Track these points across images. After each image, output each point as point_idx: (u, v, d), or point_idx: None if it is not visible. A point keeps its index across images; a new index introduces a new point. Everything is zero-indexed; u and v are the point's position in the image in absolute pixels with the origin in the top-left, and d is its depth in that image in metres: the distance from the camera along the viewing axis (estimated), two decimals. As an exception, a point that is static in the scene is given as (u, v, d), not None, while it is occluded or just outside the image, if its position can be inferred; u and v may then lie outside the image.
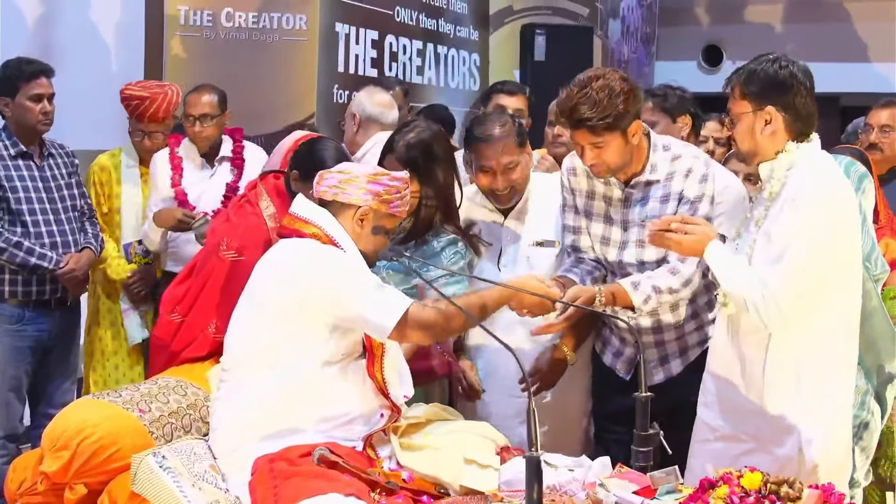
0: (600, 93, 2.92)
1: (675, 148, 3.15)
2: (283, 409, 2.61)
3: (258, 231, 3.31)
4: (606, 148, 2.99)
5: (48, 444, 2.68)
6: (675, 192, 3.09)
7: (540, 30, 7.27)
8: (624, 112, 2.94)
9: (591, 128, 2.95)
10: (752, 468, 2.36)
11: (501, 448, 2.78)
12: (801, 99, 2.76)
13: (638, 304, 3.04)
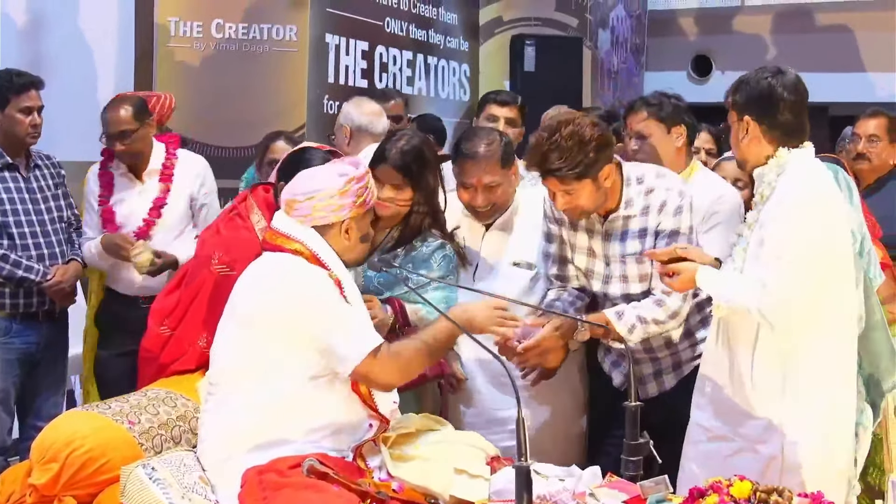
0: (569, 141, 2.89)
1: (647, 180, 3.12)
2: (271, 420, 2.60)
3: (250, 245, 3.26)
4: (578, 194, 2.97)
5: (37, 456, 2.67)
6: (651, 226, 3.08)
7: (530, 41, 7.28)
8: (594, 160, 2.92)
9: (560, 177, 2.94)
10: (742, 476, 2.37)
11: (492, 458, 2.78)
12: (781, 112, 2.82)
13: (624, 334, 3.04)
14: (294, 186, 2.72)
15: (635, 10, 9.29)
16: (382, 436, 2.71)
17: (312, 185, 2.70)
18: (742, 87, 2.88)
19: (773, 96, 2.83)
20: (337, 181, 2.68)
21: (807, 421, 2.80)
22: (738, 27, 9.39)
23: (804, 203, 2.77)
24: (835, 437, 2.86)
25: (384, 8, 6.31)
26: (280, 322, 2.59)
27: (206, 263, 3.32)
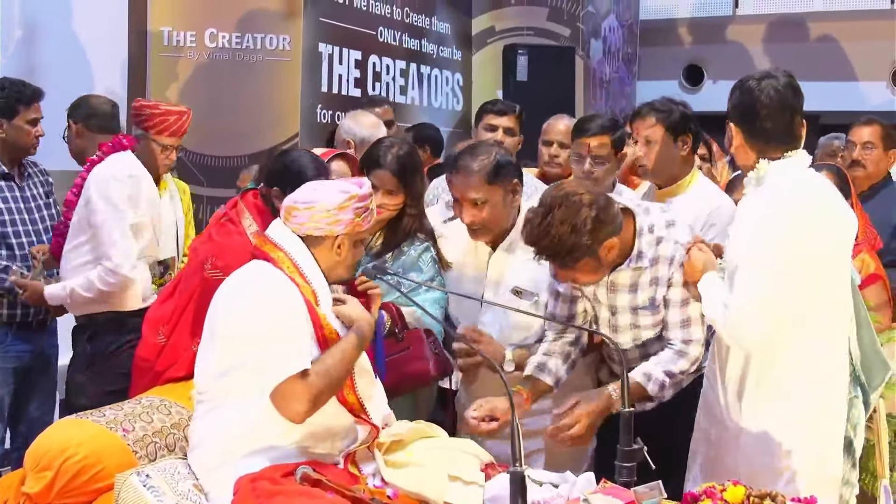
0: (562, 225, 2.76)
1: (657, 230, 3.03)
2: (258, 427, 2.59)
3: (243, 250, 3.24)
4: (578, 271, 2.90)
5: (31, 464, 2.66)
6: (662, 277, 3.02)
7: (522, 50, 7.30)
8: (590, 243, 2.80)
9: (554, 260, 2.87)
10: (736, 482, 2.37)
11: (486, 464, 2.78)
12: (762, 119, 2.83)
13: (655, 394, 3.01)
14: (296, 195, 2.73)
15: (627, 19, 9.33)
16: (377, 442, 2.71)
17: (314, 195, 2.70)
18: (732, 92, 2.91)
19: (753, 102, 2.84)
20: (337, 196, 2.68)
21: (798, 426, 2.82)
22: (730, 36, 9.43)
23: (764, 219, 2.76)
24: (826, 442, 2.87)
25: (377, 17, 6.33)
26: (248, 330, 2.59)
27: (199, 270, 3.32)
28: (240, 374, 2.58)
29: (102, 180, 3.70)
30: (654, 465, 2.63)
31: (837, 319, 2.89)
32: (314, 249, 2.69)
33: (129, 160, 3.78)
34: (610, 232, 2.85)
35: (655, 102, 3.85)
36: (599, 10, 8.65)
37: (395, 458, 2.69)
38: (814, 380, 2.83)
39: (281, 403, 2.54)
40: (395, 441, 2.74)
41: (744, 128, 2.87)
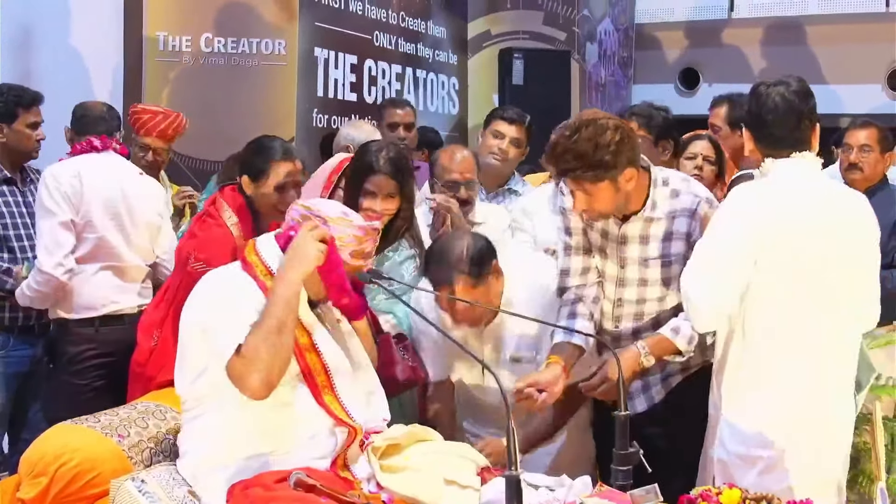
0: (587, 143, 2.83)
1: (672, 182, 3.07)
2: (240, 432, 2.59)
3: (225, 240, 3.34)
4: (596, 196, 2.92)
5: (25, 469, 2.66)
6: (680, 231, 3.03)
7: (518, 54, 7.30)
8: (612, 163, 2.85)
9: (575, 178, 2.90)
10: (731, 484, 2.37)
11: (482, 468, 2.77)
12: (768, 125, 2.88)
13: (684, 349, 3.02)
14: (309, 199, 2.80)
15: (623, 23, 9.34)
16: (372, 446, 2.70)
17: (320, 206, 2.72)
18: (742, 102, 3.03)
19: (760, 108, 2.89)
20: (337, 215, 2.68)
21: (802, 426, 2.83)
22: (726, 40, 9.43)
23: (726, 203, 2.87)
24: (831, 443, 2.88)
25: (373, 22, 6.33)
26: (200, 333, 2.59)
27: (183, 267, 3.36)
28: (205, 379, 2.58)
29: (42, 179, 3.78)
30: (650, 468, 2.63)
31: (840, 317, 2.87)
32: None
33: (85, 162, 3.78)
34: (631, 159, 2.91)
35: (636, 107, 3.89)
36: (595, 14, 8.66)
37: (390, 463, 2.68)
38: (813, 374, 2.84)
39: (239, 386, 2.48)
40: (390, 445, 2.73)
41: (753, 133, 2.93)
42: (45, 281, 3.68)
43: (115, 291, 3.81)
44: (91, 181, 3.76)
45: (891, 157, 4.67)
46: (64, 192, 3.70)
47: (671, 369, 3.21)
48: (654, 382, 3.23)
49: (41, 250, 3.69)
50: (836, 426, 2.89)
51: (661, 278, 3.07)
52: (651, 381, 3.23)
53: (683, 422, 3.15)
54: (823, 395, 2.86)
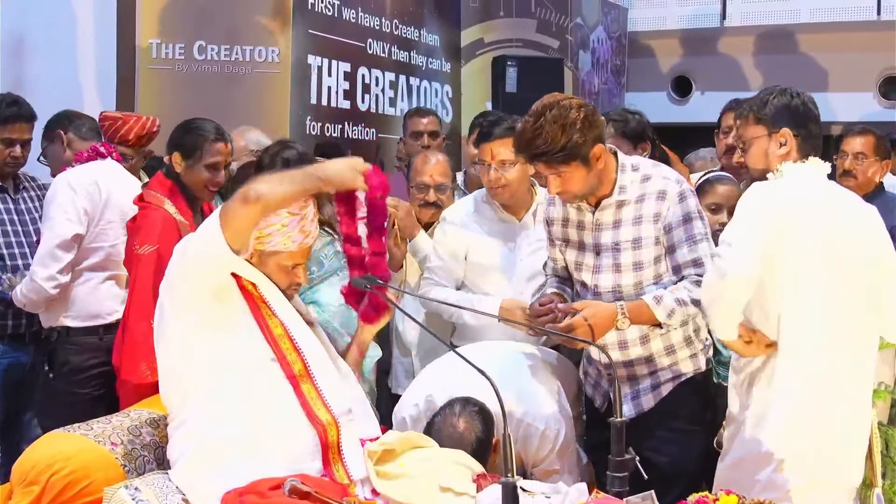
0: (553, 125, 2.88)
1: (643, 168, 3.13)
2: (228, 428, 2.59)
3: (166, 222, 3.47)
4: (570, 177, 2.97)
5: (17, 478, 2.63)
6: (648, 214, 3.07)
7: (511, 61, 7.32)
8: (580, 142, 2.90)
9: (546, 162, 2.94)
10: (728, 490, 2.36)
11: (478, 475, 2.76)
12: (814, 124, 2.92)
13: (662, 319, 3.02)
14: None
15: (615, 31, 9.37)
16: (368, 451, 2.69)
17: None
18: (769, 104, 2.93)
19: (806, 110, 2.93)
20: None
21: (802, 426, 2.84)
22: (719, 48, 9.47)
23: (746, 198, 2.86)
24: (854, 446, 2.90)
25: (366, 29, 6.33)
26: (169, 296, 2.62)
27: (131, 255, 3.48)
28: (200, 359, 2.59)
29: (56, 187, 3.74)
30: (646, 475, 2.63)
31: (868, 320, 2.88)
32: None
33: (99, 170, 3.78)
34: (598, 136, 2.96)
35: (611, 113, 3.92)
36: (588, 21, 8.69)
37: (386, 469, 2.68)
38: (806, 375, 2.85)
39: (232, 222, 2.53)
40: (386, 451, 2.72)
41: (799, 132, 2.91)
42: (35, 290, 3.67)
43: (120, 300, 3.80)
44: (108, 190, 3.77)
45: (887, 165, 4.68)
46: (81, 205, 3.70)
47: (662, 377, 3.20)
48: (644, 391, 3.21)
49: (37, 260, 3.68)
50: (859, 429, 2.90)
51: (632, 262, 3.09)
52: (641, 390, 3.21)
53: (674, 431, 3.14)
54: (850, 397, 2.87)
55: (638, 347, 3.15)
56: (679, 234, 3.05)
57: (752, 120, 2.96)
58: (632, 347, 3.15)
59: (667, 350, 3.17)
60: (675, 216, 3.05)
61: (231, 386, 2.61)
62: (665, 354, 3.17)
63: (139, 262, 3.42)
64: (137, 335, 3.35)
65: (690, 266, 3.04)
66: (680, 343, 3.18)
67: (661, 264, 3.09)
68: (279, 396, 2.65)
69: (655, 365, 3.17)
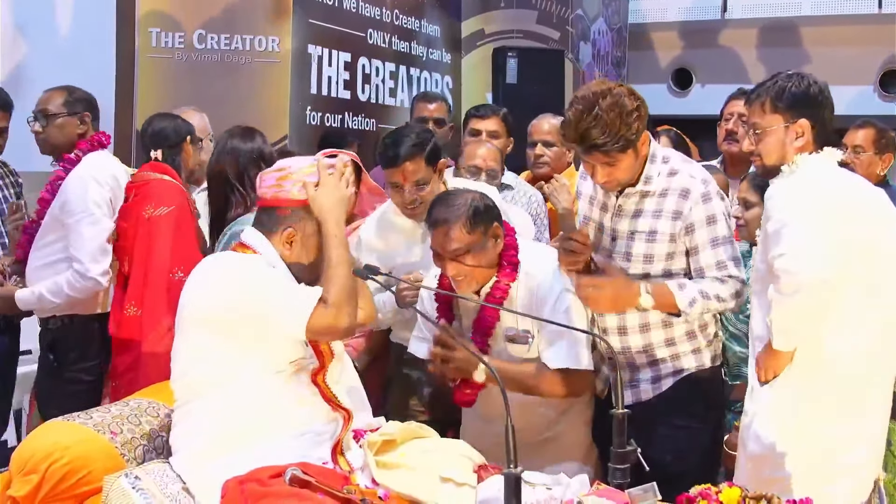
0: (610, 113, 2.83)
1: (673, 161, 3.08)
2: (235, 424, 2.59)
3: (172, 187, 3.66)
4: (618, 165, 2.93)
5: (16, 467, 2.63)
6: (668, 210, 3.03)
7: (512, 53, 7.29)
8: (638, 129, 2.87)
9: (605, 152, 2.88)
10: (731, 483, 2.36)
11: (479, 466, 2.76)
12: (829, 113, 2.85)
13: (683, 307, 2.99)
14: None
15: (616, 23, 9.34)
16: (369, 441, 2.69)
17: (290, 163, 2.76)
18: (787, 92, 2.84)
19: (823, 99, 2.85)
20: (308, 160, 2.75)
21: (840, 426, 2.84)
22: (719, 41, 9.45)
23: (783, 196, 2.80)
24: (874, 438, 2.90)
25: (367, 19, 6.31)
26: (224, 316, 2.58)
27: (140, 219, 3.60)
28: (220, 356, 2.58)
29: (82, 181, 3.67)
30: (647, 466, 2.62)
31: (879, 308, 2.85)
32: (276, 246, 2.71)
33: (109, 161, 3.76)
34: (646, 123, 2.92)
35: None
36: (588, 13, 8.66)
37: (386, 459, 2.67)
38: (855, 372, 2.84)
39: (331, 331, 2.60)
40: (386, 441, 2.72)
41: (816, 123, 2.84)
42: (88, 288, 3.63)
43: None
44: (122, 183, 3.77)
45: (889, 159, 4.66)
46: (108, 198, 3.69)
47: (663, 370, 3.19)
48: (644, 381, 3.19)
49: (86, 256, 3.62)
50: (884, 423, 2.91)
51: (644, 253, 3.06)
52: (641, 379, 3.19)
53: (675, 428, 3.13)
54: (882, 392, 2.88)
55: (637, 336, 3.13)
56: (703, 236, 3.01)
57: (769, 108, 2.87)
58: (631, 335, 3.13)
59: (667, 342, 3.15)
60: (699, 217, 3.00)
61: (250, 378, 2.60)
62: (665, 346, 3.15)
63: (155, 223, 3.56)
64: (160, 289, 3.49)
65: (714, 268, 3.02)
66: (681, 337, 3.15)
67: (674, 261, 3.06)
68: (298, 388, 2.66)
69: (655, 356, 3.15)
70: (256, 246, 2.69)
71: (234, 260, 2.69)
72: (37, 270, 3.72)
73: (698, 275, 3.04)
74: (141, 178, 3.72)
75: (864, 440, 2.86)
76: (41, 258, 3.72)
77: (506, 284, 3.07)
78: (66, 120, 3.75)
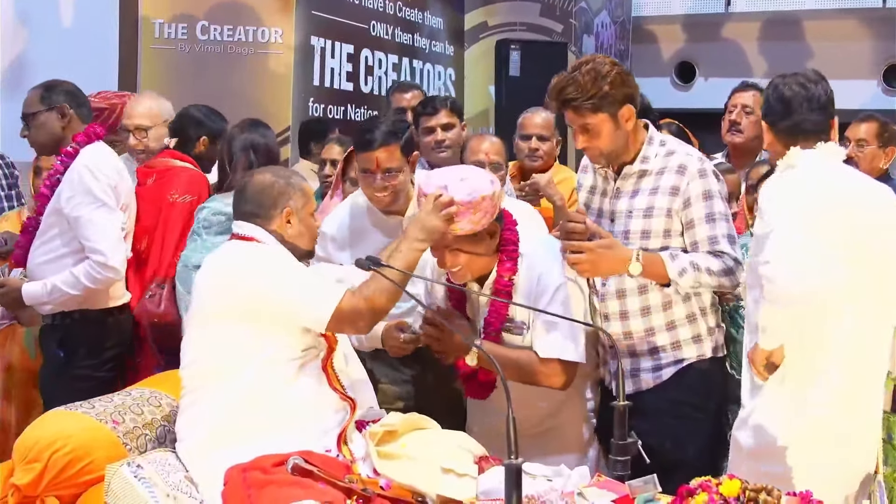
0: (586, 76, 2.96)
1: (670, 144, 3.16)
2: (242, 414, 2.60)
3: (198, 177, 3.92)
4: (596, 132, 3.01)
5: (19, 455, 2.64)
6: (666, 186, 3.07)
7: (515, 45, 7.29)
8: (609, 93, 2.96)
9: (575, 108, 2.99)
10: (731, 475, 2.36)
11: (479, 458, 2.76)
12: (790, 114, 2.94)
13: (673, 276, 3.01)
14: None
15: (619, 16, 9.33)
16: (370, 431, 2.70)
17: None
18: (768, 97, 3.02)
19: (779, 97, 2.96)
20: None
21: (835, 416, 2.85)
22: (723, 34, 9.44)
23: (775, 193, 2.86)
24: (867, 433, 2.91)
25: (370, 11, 6.31)
26: (238, 301, 2.61)
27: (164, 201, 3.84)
28: (235, 345, 2.60)
29: (91, 173, 3.61)
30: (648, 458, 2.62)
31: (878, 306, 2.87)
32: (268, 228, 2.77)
33: (109, 151, 3.75)
34: (629, 96, 3.01)
35: None
36: (592, 6, 8.65)
37: (387, 450, 2.68)
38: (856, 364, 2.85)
39: (349, 324, 2.70)
40: (388, 432, 2.73)
41: (771, 124, 2.97)
42: (109, 278, 3.59)
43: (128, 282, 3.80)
44: (125, 174, 3.76)
45: (892, 152, 4.66)
46: (115, 187, 3.65)
47: (664, 359, 3.19)
48: (645, 370, 3.18)
49: (106, 246, 3.56)
50: (877, 417, 2.91)
51: (641, 229, 3.08)
52: (642, 368, 3.19)
53: (676, 418, 3.14)
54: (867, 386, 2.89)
55: (639, 320, 3.14)
56: (698, 211, 3.05)
57: (761, 116, 3.06)
58: (632, 319, 3.14)
59: (668, 326, 3.15)
60: (695, 192, 3.05)
61: (263, 366, 2.63)
62: (665, 330, 3.15)
63: (174, 208, 3.81)
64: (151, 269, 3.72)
65: (707, 243, 3.05)
66: (682, 320, 3.15)
67: (671, 240, 3.08)
68: (306, 377, 2.68)
69: (656, 343, 3.16)
70: (257, 236, 2.74)
71: (250, 249, 2.72)
72: (41, 266, 3.66)
73: (692, 249, 3.08)
74: (162, 164, 3.89)
75: (860, 433, 2.88)
76: (45, 254, 3.65)
77: (508, 280, 3.08)
78: (44, 116, 3.68)
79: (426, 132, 4.15)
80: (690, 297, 3.13)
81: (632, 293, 3.13)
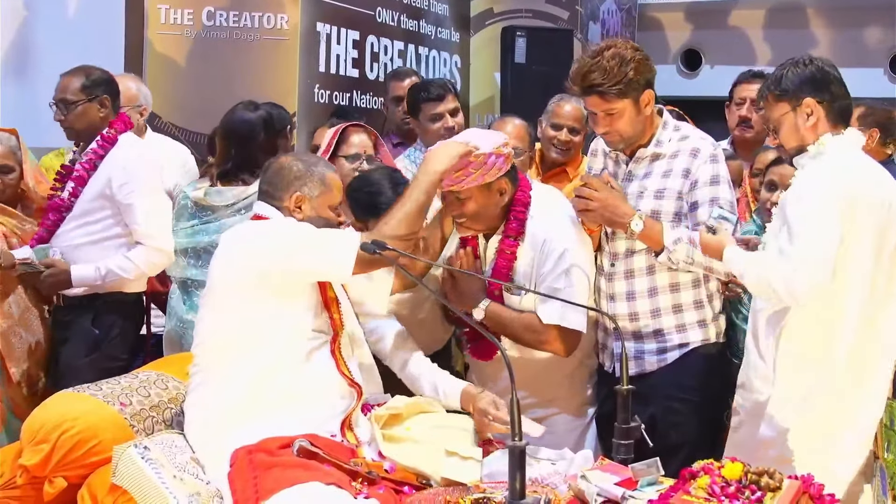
0: (611, 61, 3.01)
1: (684, 129, 3.21)
2: (251, 395, 2.62)
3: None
4: (619, 116, 3.05)
5: (27, 437, 2.66)
6: (678, 169, 3.12)
7: (520, 32, 7.27)
8: (634, 79, 3.01)
9: (601, 94, 3.02)
10: (734, 458, 2.38)
11: (483, 441, 2.78)
12: (837, 87, 2.88)
13: (667, 243, 3.04)
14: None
15: (625, 3, 9.30)
16: (375, 415, 2.72)
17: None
18: (784, 79, 2.89)
19: (824, 75, 2.88)
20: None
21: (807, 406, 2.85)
22: (729, 22, 9.41)
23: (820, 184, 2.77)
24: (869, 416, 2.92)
25: (376, -3, 6.31)
26: (255, 270, 2.62)
27: None
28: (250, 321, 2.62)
29: (144, 161, 3.72)
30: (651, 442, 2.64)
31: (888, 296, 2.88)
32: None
33: (142, 141, 3.82)
34: (650, 81, 3.08)
35: None
36: (598, -7, 8.64)
37: (392, 433, 2.70)
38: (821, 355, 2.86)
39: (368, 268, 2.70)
40: (392, 415, 2.74)
41: (823, 98, 2.86)
42: (163, 263, 3.70)
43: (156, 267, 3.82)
44: (163, 164, 3.86)
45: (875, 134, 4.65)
46: (161, 173, 3.79)
47: (668, 342, 3.20)
48: (650, 353, 3.20)
49: (160, 231, 3.67)
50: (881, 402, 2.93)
51: (651, 209, 3.12)
52: (646, 350, 3.21)
53: (679, 401, 3.15)
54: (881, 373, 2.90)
55: (645, 300, 3.16)
56: (704, 194, 3.08)
57: (773, 99, 2.92)
58: (639, 300, 3.16)
59: (674, 308, 3.18)
60: (704, 175, 3.10)
61: (270, 350, 2.64)
62: (672, 313, 3.17)
63: None
64: None
65: None
66: (688, 304, 3.18)
67: (679, 224, 3.11)
68: (315, 361, 2.69)
69: (661, 325, 3.18)
70: (270, 215, 2.77)
71: (262, 224, 2.75)
72: (78, 249, 3.69)
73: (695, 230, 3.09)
74: None
75: (865, 420, 2.89)
76: (85, 235, 3.69)
77: (514, 239, 3.14)
78: (85, 107, 3.74)
79: (433, 119, 4.15)
80: (700, 282, 3.15)
81: (640, 273, 3.15)
